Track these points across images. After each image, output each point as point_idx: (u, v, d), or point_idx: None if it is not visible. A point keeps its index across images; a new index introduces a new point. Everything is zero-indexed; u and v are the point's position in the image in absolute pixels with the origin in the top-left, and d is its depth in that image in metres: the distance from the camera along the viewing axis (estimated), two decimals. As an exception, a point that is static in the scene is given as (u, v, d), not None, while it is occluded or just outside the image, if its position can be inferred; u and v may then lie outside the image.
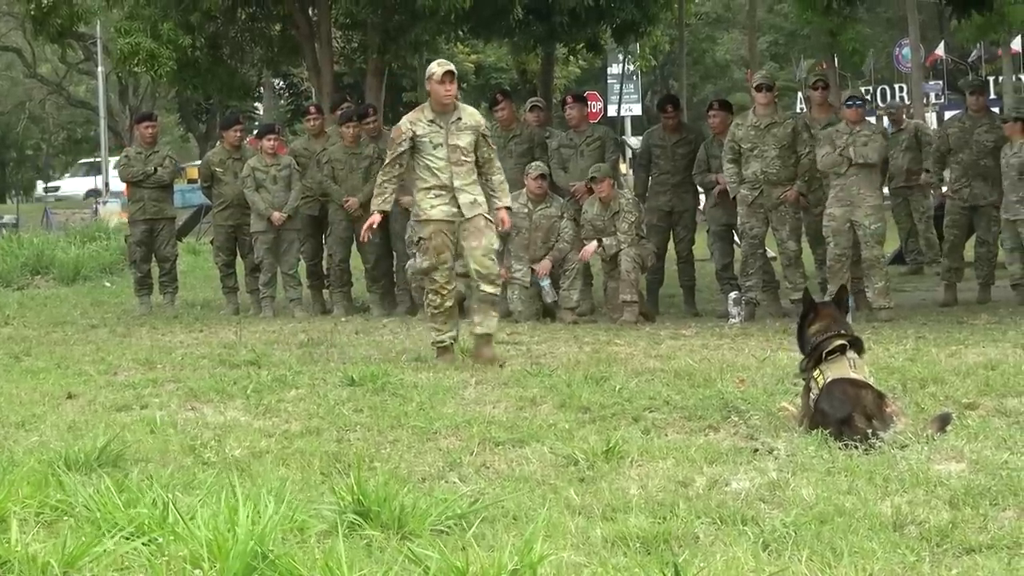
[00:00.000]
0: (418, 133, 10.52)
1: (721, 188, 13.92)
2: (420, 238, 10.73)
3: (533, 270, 13.91)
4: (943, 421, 6.99)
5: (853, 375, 7.16)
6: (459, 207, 10.46)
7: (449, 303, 10.53)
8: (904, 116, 20.26)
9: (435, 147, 10.49)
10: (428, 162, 10.51)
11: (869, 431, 6.69)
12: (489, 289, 10.54)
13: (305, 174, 15.54)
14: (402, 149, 10.55)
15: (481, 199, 10.59)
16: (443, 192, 10.48)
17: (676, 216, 14.58)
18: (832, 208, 12.99)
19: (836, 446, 6.64)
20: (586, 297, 14.18)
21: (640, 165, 15.14)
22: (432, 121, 10.56)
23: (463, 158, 10.52)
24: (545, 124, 15.93)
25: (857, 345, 7.44)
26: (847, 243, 13.04)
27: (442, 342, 10.57)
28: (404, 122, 10.71)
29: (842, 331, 7.46)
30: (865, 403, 6.90)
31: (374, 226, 10.85)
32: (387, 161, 10.74)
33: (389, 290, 15.51)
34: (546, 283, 13.93)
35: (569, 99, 15.53)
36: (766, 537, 5.15)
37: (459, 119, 10.57)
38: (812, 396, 7.23)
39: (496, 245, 10.82)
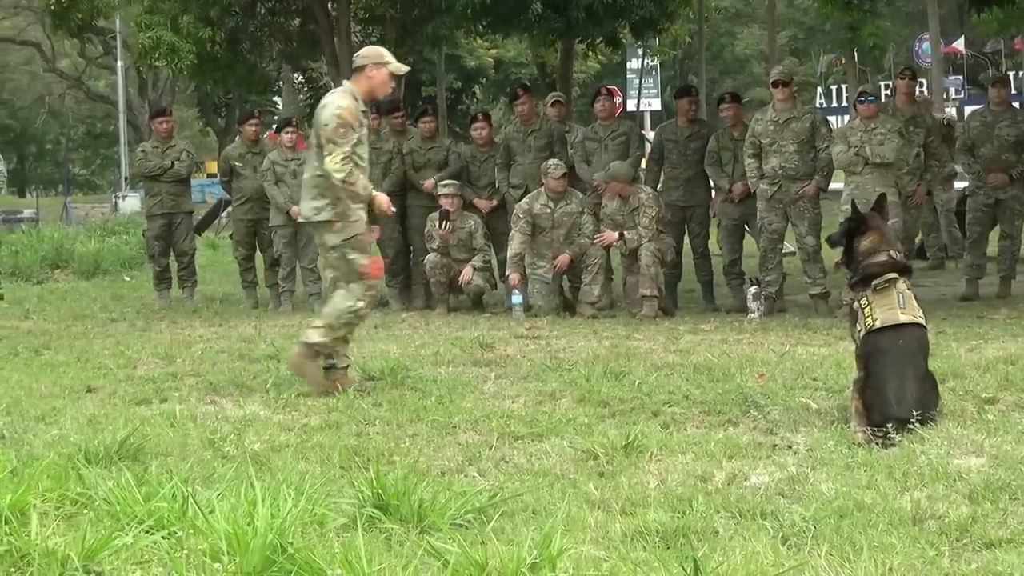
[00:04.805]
0: None
1: (740, 188, 13.86)
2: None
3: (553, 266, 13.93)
4: None
5: (902, 316, 7.20)
6: None
7: None
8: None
9: None
10: None
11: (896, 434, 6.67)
12: None
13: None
14: None
15: None
16: None
17: (690, 211, 14.50)
18: (848, 205, 12.93)
19: (855, 441, 6.65)
20: (606, 292, 14.16)
21: (653, 159, 15.08)
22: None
23: None
24: (565, 119, 15.91)
25: (906, 271, 7.50)
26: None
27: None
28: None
29: (891, 252, 7.49)
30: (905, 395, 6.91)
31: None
32: None
33: (408, 284, 15.51)
34: (517, 300, 13.86)
35: (603, 91, 15.58)
36: (785, 532, 5.15)
37: None
38: (858, 330, 7.34)
39: None
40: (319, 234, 9.34)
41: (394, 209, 11.46)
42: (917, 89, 16.87)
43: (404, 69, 9.53)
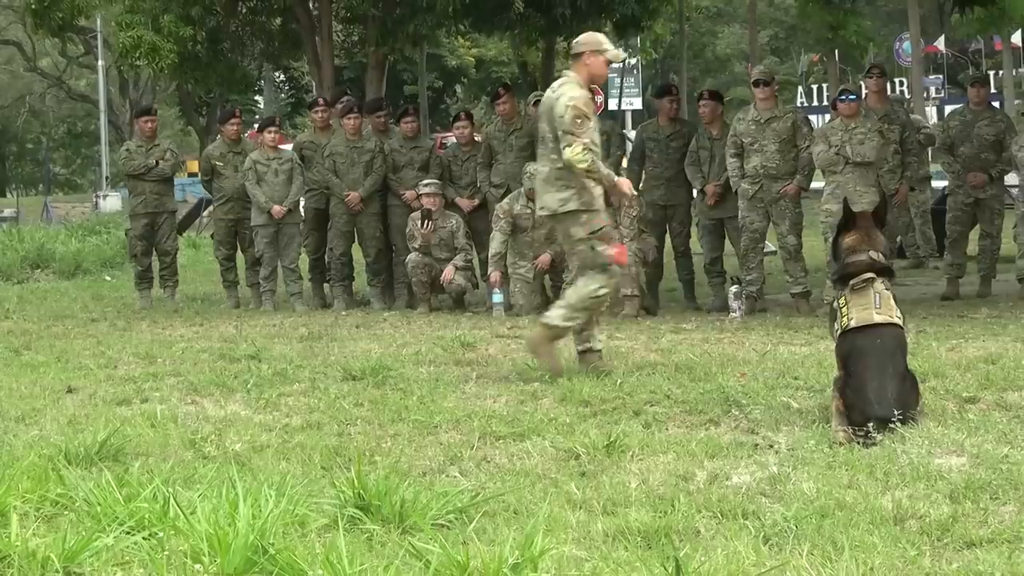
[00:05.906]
0: None
1: (712, 190, 13.88)
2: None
3: (535, 265, 13.93)
4: None
5: (877, 316, 7.20)
6: None
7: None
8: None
9: None
10: None
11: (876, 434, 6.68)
12: None
13: (311, 167, 15.53)
14: None
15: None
16: None
17: (671, 210, 14.49)
18: (828, 204, 12.91)
19: (836, 440, 6.65)
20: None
21: (633, 159, 15.05)
22: None
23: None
24: (547, 118, 15.85)
25: (886, 273, 7.50)
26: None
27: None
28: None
29: (871, 252, 7.49)
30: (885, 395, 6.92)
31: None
32: None
33: (389, 284, 15.49)
34: (498, 299, 13.87)
35: None
36: (767, 531, 5.15)
37: None
38: (835, 329, 7.38)
39: None
40: (563, 226, 9.38)
41: (635, 192, 11.56)
42: (896, 88, 17.00)
43: (621, 56, 9.57)
